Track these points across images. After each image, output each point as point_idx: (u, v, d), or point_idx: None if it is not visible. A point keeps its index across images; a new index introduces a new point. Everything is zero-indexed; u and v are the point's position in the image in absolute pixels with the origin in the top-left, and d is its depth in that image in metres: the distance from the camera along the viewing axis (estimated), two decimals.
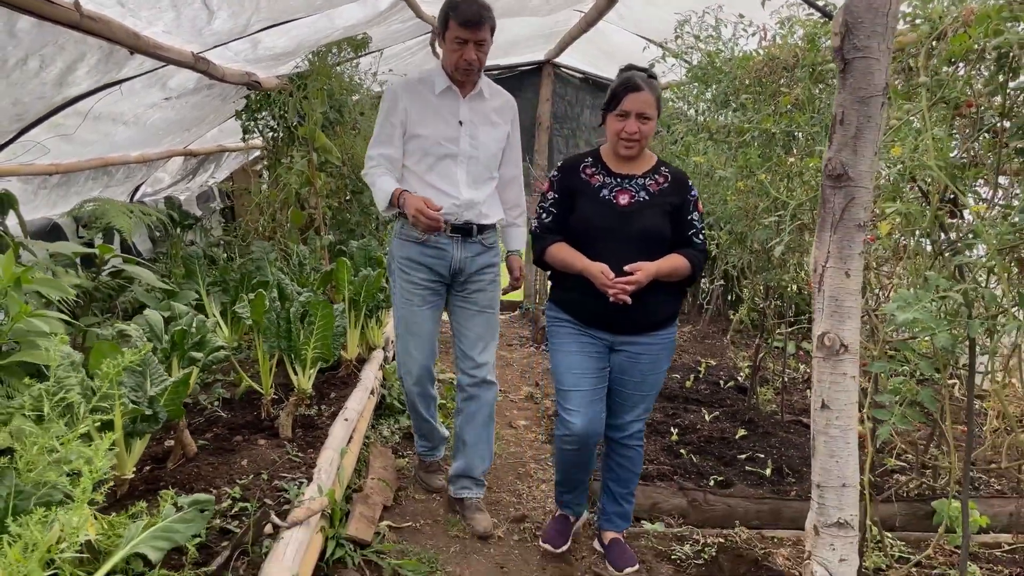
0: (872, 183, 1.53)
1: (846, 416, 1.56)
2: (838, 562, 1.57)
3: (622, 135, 2.66)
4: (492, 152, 3.04)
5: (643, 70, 2.72)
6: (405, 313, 3.06)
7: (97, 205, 3.96)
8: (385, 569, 2.65)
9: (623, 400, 2.81)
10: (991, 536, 3.25)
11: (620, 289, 2.55)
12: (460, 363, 3.18)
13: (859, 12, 1.44)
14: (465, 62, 2.84)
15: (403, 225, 3.00)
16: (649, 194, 2.69)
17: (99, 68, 2.46)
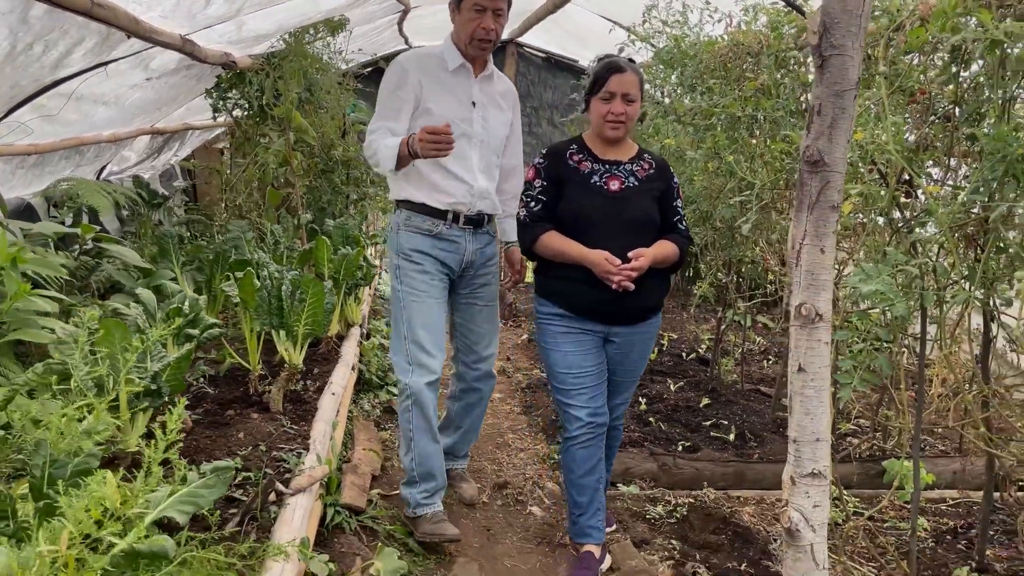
0: (845, 168, 1.69)
1: (820, 378, 1.74)
2: (812, 508, 1.75)
3: (608, 117, 2.63)
4: (500, 137, 2.91)
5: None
6: (419, 307, 2.76)
7: (72, 184, 3.96)
8: (380, 533, 2.78)
9: (613, 388, 2.80)
10: (937, 492, 3.52)
11: (626, 276, 2.51)
12: (462, 355, 3.07)
13: (835, 14, 1.60)
14: (483, 31, 2.67)
15: (409, 217, 2.80)
16: (638, 180, 2.68)
17: (94, 51, 2.50)
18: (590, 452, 2.70)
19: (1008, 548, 3.00)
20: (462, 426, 3.19)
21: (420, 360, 2.75)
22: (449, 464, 3.20)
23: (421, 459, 2.80)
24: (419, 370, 2.75)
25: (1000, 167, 2.04)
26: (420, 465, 2.81)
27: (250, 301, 3.11)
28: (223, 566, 1.78)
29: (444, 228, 2.80)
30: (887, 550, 2.91)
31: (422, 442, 2.79)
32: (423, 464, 2.81)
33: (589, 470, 2.71)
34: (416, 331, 2.75)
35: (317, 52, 4.46)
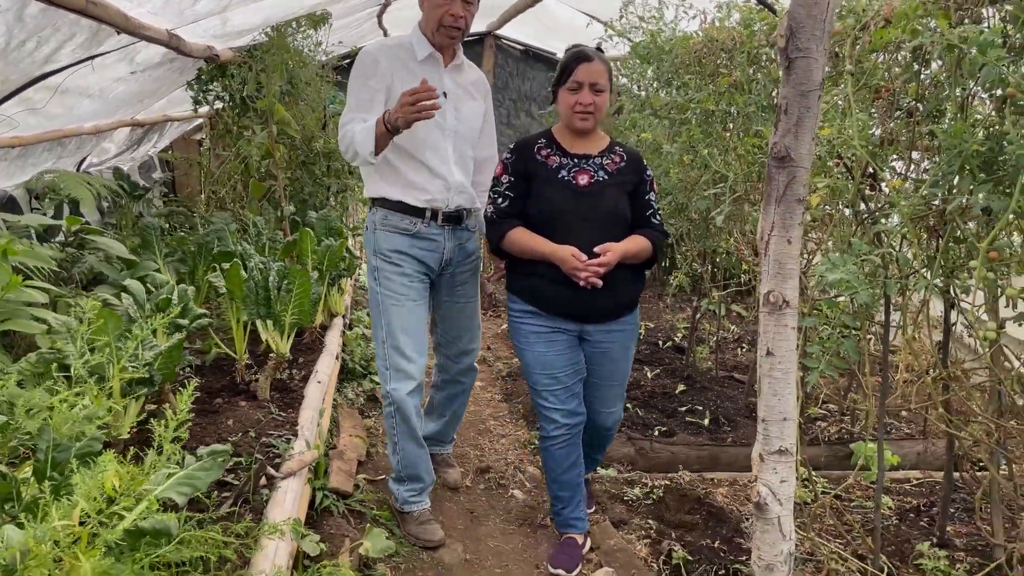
0: (810, 163, 1.80)
1: (787, 361, 1.85)
2: (779, 483, 1.87)
3: (576, 107, 2.57)
4: (475, 128, 2.83)
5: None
6: (398, 311, 2.70)
7: (55, 176, 3.98)
8: (367, 516, 2.87)
9: (599, 394, 2.75)
10: (902, 473, 3.68)
11: (593, 272, 2.48)
12: (444, 349, 3.07)
13: (801, 19, 1.70)
14: (451, 17, 2.55)
15: (386, 216, 2.72)
16: (608, 173, 2.63)
17: (83, 46, 2.54)
18: (568, 451, 2.74)
19: (968, 524, 3.15)
20: (445, 415, 3.21)
21: (400, 366, 2.70)
22: (434, 449, 3.24)
23: (407, 462, 2.83)
24: (399, 376, 2.71)
25: (956, 162, 2.16)
26: (406, 467, 2.84)
27: (237, 292, 3.17)
28: (220, 544, 1.86)
29: (423, 227, 2.72)
30: (853, 527, 3.05)
31: (407, 447, 2.81)
32: (409, 467, 2.84)
33: (569, 467, 2.77)
34: (396, 336, 2.69)
35: (298, 45, 4.50)
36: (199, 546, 1.82)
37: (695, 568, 2.74)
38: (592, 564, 2.81)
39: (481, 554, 2.84)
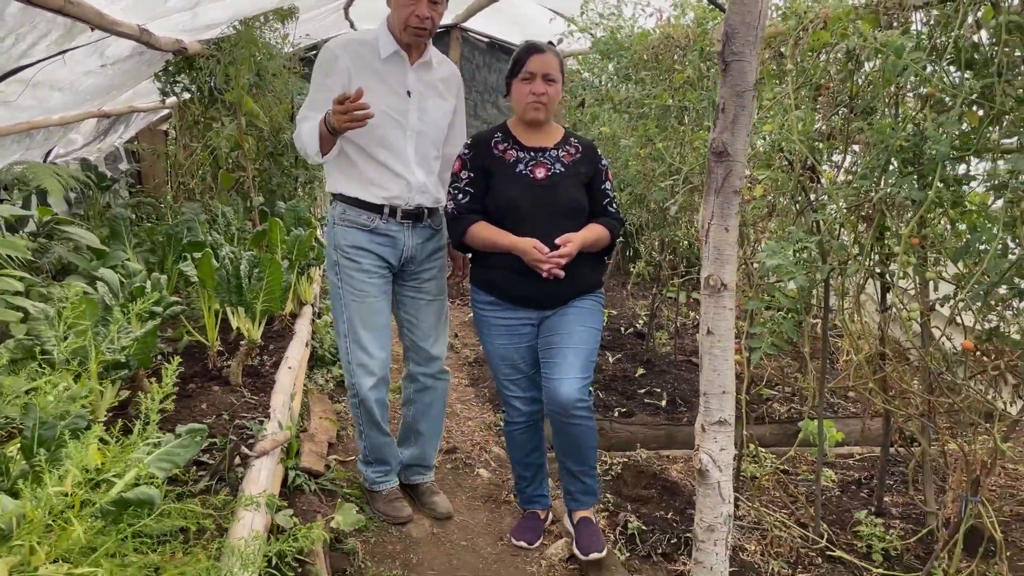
0: (746, 158, 1.96)
1: (725, 339, 2.01)
2: (719, 451, 2.03)
3: (529, 97, 2.60)
4: (440, 127, 2.77)
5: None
6: (359, 307, 2.70)
7: (24, 167, 4.03)
8: (338, 494, 3.00)
9: (553, 359, 2.65)
10: (846, 448, 3.89)
11: (555, 263, 2.54)
12: (411, 354, 2.98)
13: (736, 26, 1.85)
14: (417, 18, 2.51)
15: (345, 211, 2.70)
16: (564, 165, 2.68)
17: (57, 42, 2.61)
18: (530, 436, 2.89)
19: (903, 495, 3.37)
20: (422, 431, 3.05)
21: (362, 361, 2.72)
22: (417, 478, 3.12)
23: (373, 449, 2.91)
24: (360, 371, 2.73)
25: (884, 156, 2.34)
26: (372, 453, 2.92)
27: (209, 280, 3.26)
28: (199, 515, 1.98)
29: (381, 223, 2.69)
30: (797, 499, 3.25)
31: (372, 435, 2.87)
32: (375, 452, 2.91)
33: (531, 450, 2.92)
34: (357, 331, 2.71)
35: (266, 38, 4.58)
36: (179, 518, 1.94)
37: (649, 537, 2.91)
38: (552, 536, 2.97)
39: (448, 528, 2.99)
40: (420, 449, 3.08)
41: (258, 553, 1.76)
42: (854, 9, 2.53)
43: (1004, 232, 2.11)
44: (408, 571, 2.68)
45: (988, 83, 2.17)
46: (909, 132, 2.33)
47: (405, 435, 3.10)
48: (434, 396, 3.02)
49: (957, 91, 2.19)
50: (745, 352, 3.06)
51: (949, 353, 2.71)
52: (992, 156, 2.26)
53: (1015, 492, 3.38)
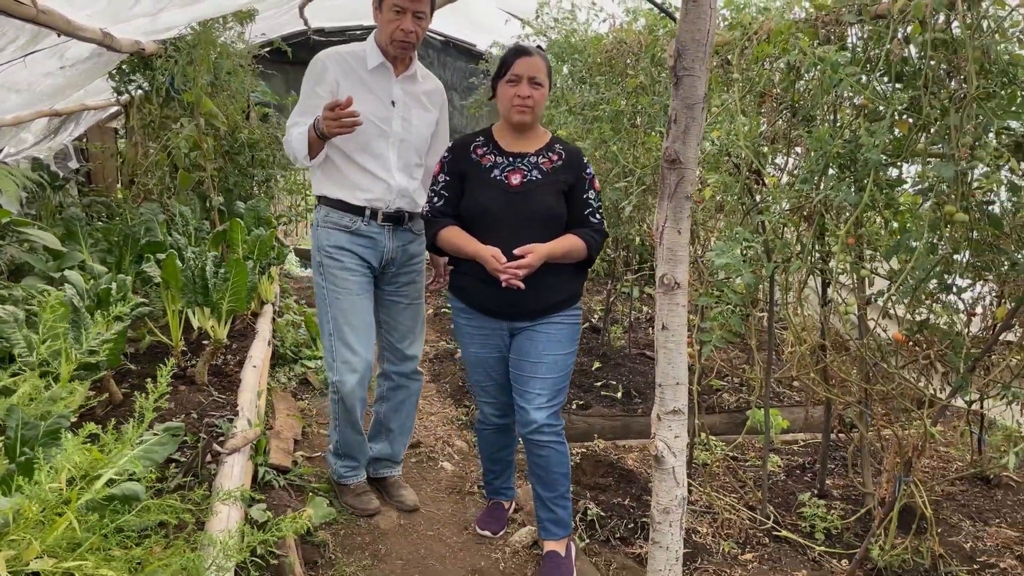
0: (697, 165, 2.10)
1: (679, 334, 2.15)
2: (674, 438, 2.18)
3: (515, 101, 2.57)
4: (423, 137, 2.88)
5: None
6: (342, 305, 2.80)
7: None
8: (306, 489, 3.08)
9: (522, 385, 2.66)
10: (792, 435, 4.10)
11: (512, 274, 2.48)
12: (388, 354, 3.08)
13: (686, 43, 1.99)
14: (402, 32, 2.64)
15: (328, 213, 2.81)
16: (542, 172, 2.62)
17: (23, 47, 2.63)
18: (499, 436, 2.95)
19: (844, 478, 3.58)
20: (393, 428, 3.15)
21: (345, 357, 2.80)
22: (385, 471, 3.22)
23: (344, 444, 2.99)
24: (343, 368, 2.81)
25: (822, 161, 2.51)
26: (343, 447, 3.00)
27: (173, 281, 3.30)
28: (180, 511, 2.05)
29: (362, 224, 2.80)
30: (746, 483, 3.44)
31: (346, 431, 2.94)
32: (346, 447, 2.99)
33: (500, 448, 3.00)
34: (341, 328, 2.80)
35: (224, 39, 4.59)
36: (159, 512, 2.01)
37: (608, 523, 3.05)
38: (516, 524, 3.09)
39: (414, 519, 3.09)
40: (390, 445, 3.17)
41: (240, 545, 1.84)
42: (795, 24, 2.70)
43: (930, 233, 2.30)
44: (377, 561, 2.77)
45: (916, 95, 2.36)
46: (845, 139, 2.51)
47: (376, 430, 3.18)
48: (407, 395, 3.12)
49: (889, 101, 2.38)
50: (696, 345, 3.23)
51: (884, 344, 2.91)
52: (922, 160, 2.45)
53: (946, 473, 3.62)
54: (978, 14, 2.22)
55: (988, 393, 2.74)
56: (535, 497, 2.79)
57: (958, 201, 2.25)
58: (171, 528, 2.07)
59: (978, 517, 3.20)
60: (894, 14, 2.33)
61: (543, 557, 2.75)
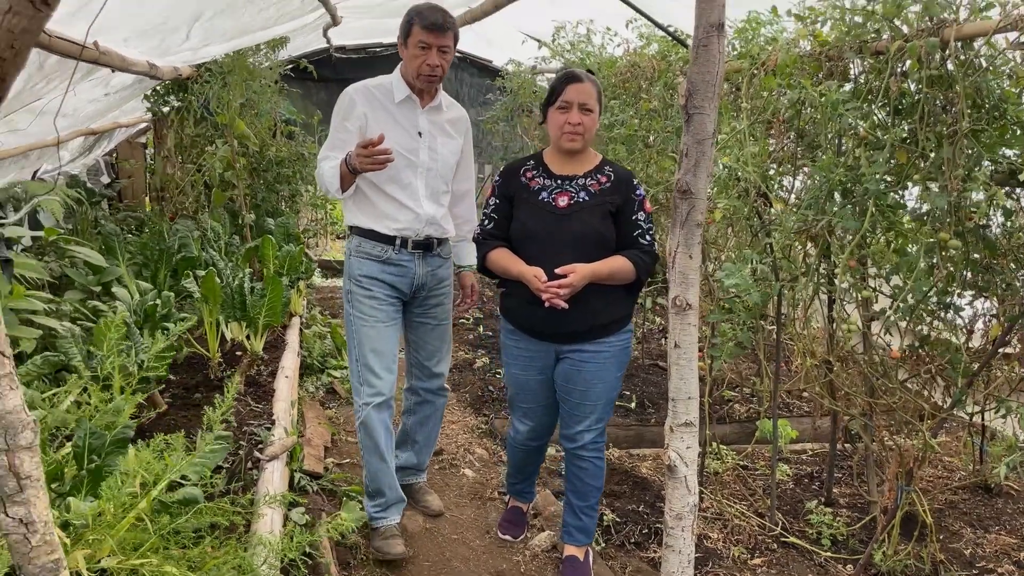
0: (707, 195, 2.27)
1: (690, 352, 2.31)
2: (685, 449, 2.33)
3: (565, 127, 2.61)
4: (449, 164, 2.96)
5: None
6: (369, 333, 2.87)
7: (24, 186, 4.20)
8: (338, 493, 3.25)
9: (570, 410, 2.75)
10: (800, 445, 4.24)
11: (553, 293, 2.50)
12: (415, 370, 3.18)
13: (697, 82, 2.15)
14: (428, 67, 2.73)
15: (360, 243, 2.90)
16: (590, 194, 2.65)
17: (77, 80, 2.82)
18: (529, 455, 3.04)
19: (850, 487, 3.72)
20: (418, 439, 3.27)
21: (369, 381, 2.87)
22: (411, 479, 3.33)
23: (371, 476, 2.97)
24: (369, 391, 2.87)
25: (826, 187, 2.67)
26: (371, 482, 2.97)
27: (212, 296, 3.49)
28: (231, 513, 2.23)
29: (393, 253, 2.88)
30: (755, 491, 3.59)
31: (371, 461, 2.94)
32: (373, 481, 2.96)
33: (529, 463, 3.11)
34: (366, 355, 2.87)
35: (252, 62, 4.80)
36: (212, 515, 2.19)
37: (623, 528, 3.21)
38: (535, 528, 3.26)
39: (439, 524, 3.26)
40: (415, 454, 3.30)
41: (290, 545, 2.02)
42: (799, 58, 2.86)
43: (927, 256, 2.45)
44: (405, 563, 2.94)
45: (914, 127, 2.52)
46: (848, 165, 2.67)
47: (403, 440, 3.29)
48: (432, 410, 3.23)
49: (888, 132, 2.54)
50: (708, 359, 3.39)
51: (886, 359, 3.05)
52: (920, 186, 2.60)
53: (949, 482, 3.75)
54: (971, 53, 2.38)
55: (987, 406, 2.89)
56: (566, 502, 2.92)
57: (952, 228, 2.41)
58: (221, 530, 2.26)
59: (979, 524, 3.34)
60: (892, 52, 2.49)
61: (563, 561, 2.90)
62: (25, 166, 4.56)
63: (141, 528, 1.93)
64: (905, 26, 2.53)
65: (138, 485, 1.76)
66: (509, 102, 6.28)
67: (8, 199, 4.51)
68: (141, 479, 1.81)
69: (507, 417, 4.27)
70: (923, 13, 2.42)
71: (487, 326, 6.04)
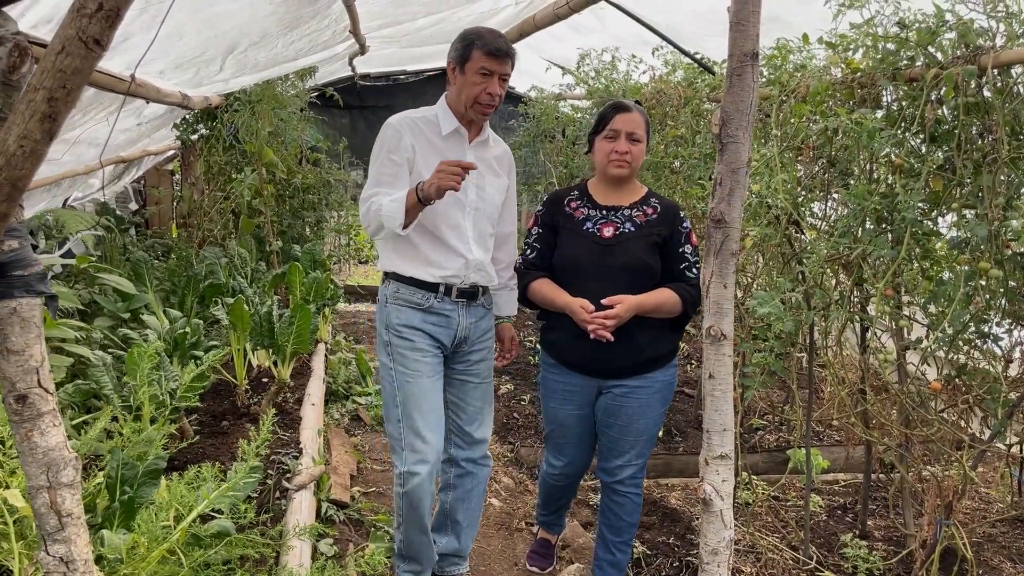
0: (740, 224, 2.24)
1: (725, 383, 2.28)
2: (721, 482, 2.29)
3: (612, 156, 2.58)
4: (496, 205, 2.71)
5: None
6: (412, 389, 2.56)
7: (56, 215, 4.26)
8: (365, 523, 3.23)
9: (610, 444, 2.70)
10: (832, 475, 4.17)
11: (599, 324, 2.45)
12: (455, 437, 2.82)
13: (731, 112, 2.14)
14: (488, 96, 2.48)
15: (398, 289, 2.61)
16: (635, 225, 2.60)
17: (112, 111, 2.88)
18: (563, 490, 2.96)
19: (885, 519, 3.64)
20: (460, 520, 2.88)
21: (414, 446, 2.55)
22: (452, 569, 2.95)
23: (407, 545, 2.70)
24: (412, 456, 2.55)
25: (860, 216, 2.64)
26: (407, 549, 2.72)
27: (240, 324, 3.51)
28: (260, 544, 2.21)
29: (436, 302, 2.59)
30: (788, 523, 3.52)
31: (410, 532, 2.66)
32: (409, 549, 2.71)
33: (560, 497, 3.02)
34: (411, 415, 2.56)
35: (283, 91, 4.87)
36: (243, 547, 2.18)
37: (653, 561, 3.16)
38: (564, 561, 3.21)
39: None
40: (457, 538, 2.90)
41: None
42: (831, 84, 2.85)
43: (966, 284, 2.41)
44: None
45: (950, 154, 2.49)
46: (882, 192, 2.64)
47: (440, 522, 2.91)
48: (475, 483, 2.86)
49: (923, 160, 2.50)
50: (739, 388, 3.34)
51: (923, 389, 3.00)
52: (957, 214, 2.56)
53: (986, 515, 3.66)
54: (1009, 81, 2.35)
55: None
56: (599, 535, 2.87)
57: (992, 256, 2.37)
58: (251, 562, 2.24)
59: (1019, 559, 3.25)
60: (927, 79, 2.46)
61: None
62: (57, 194, 4.63)
63: (174, 561, 1.92)
64: (939, 53, 2.51)
65: (172, 517, 1.75)
66: (532, 128, 6.31)
67: (40, 227, 4.58)
68: (179, 512, 1.80)
69: (533, 445, 4.25)
70: (958, 41, 2.40)
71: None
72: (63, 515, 1.15)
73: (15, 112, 1.09)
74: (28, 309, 1.21)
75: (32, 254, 1.27)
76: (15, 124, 1.08)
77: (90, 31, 1.01)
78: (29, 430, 1.17)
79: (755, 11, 2.00)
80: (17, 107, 1.08)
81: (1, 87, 1.31)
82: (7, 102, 1.31)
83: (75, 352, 2.89)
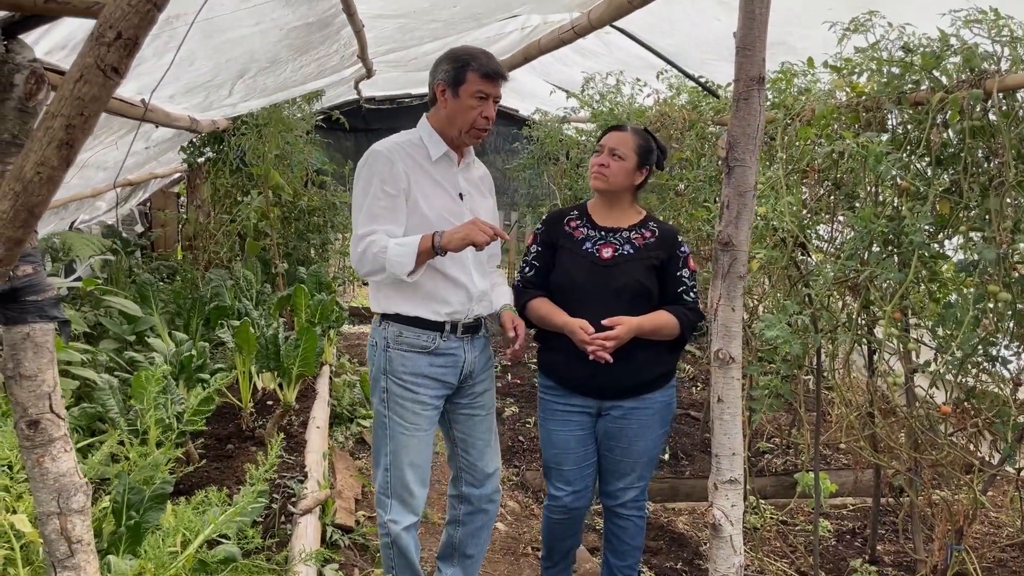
0: (748, 247, 2.25)
1: (734, 406, 2.27)
2: (731, 507, 2.28)
3: (593, 168, 2.63)
4: None
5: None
6: (409, 443, 2.47)
7: (63, 237, 4.28)
8: (370, 548, 3.20)
9: (611, 467, 2.69)
10: (840, 499, 4.13)
11: (599, 345, 2.45)
12: (466, 475, 2.71)
13: (737, 136, 2.15)
14: (484, 120, 2.42)
15: (400, 332, 2.46)
16: (634, 248, 2.62)
17: (120, 135, 2.90)
18: (566, 527, 2.79)
19: (895, 544, 3.61)
20: (470, 554, 2.79)
21: (403, 499, 2.50)
22: None
23: None
24: (399, 508, 2.51)
25: (867, 239, 2.64)
26: None
27: (246, 347, 3.50)
28: (266, 571, 2.20)
29: (441, 341, 2.47)
30: (796, 548, 3.48)
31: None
32: None
33: (563, 538, 2.84)
34: (403, 468, 2.48)
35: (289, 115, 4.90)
36: (249, 573, 2.16)
37: None
38: None
39: None
40: (464, 570, 2.81)
41: None
42: (836, 108, 2.86)
43: (974, 308, 2.40)
44: None
45: (956, 177, 2.49)
46: (888, 215, 2.64)
47: (448, 552, 2.81)
48: (486, 520, 2.76)
49: (929, 183, 2.51)
50: (746, 411, 3.33)
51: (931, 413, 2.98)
52: (964, 236, 2.57)
53: (996, 539, 3.62)
54: (1014, 104, 2.37)
55: None
56: (603, 562, 2.85)
57: (1000, 279, 2.36)
58: None
59: None
60: (933, 103, 2.48)
61: None
62: (64, 216, 4.65)
63: None
64: (944, 77, 2.53)
65: (179, 543, 1.74)
66: (536, 150, 6.34)
67: (47, 249, 4.60)
68: (187, 537, 1.79)
69: (539, 469, 4.22)
70: (963, 65, 2.42)
71: (515, 373, 6.00)
72: (73, 541, 1.14)
73: (32, 139, 1.10)
74: (42, 334, 1.21)
75: (46, 279, 1.27)
76: (32, 151, 1.09)
77: (108, 59, 1.02)
78: (40, 456, 1.16)
79: (761, 36, 2.01)
80: (35, 134, 1.09)
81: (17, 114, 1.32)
82: (23, 129, 1.32)
83: (81, 375, 2.89)
